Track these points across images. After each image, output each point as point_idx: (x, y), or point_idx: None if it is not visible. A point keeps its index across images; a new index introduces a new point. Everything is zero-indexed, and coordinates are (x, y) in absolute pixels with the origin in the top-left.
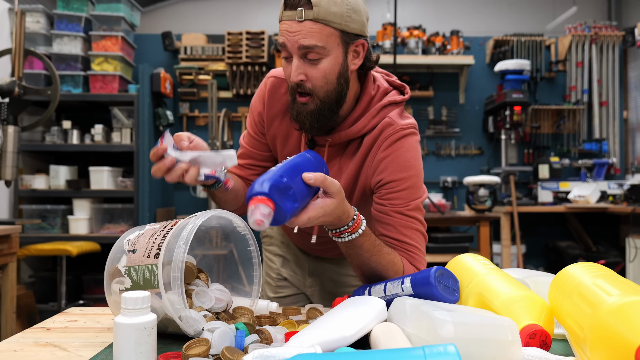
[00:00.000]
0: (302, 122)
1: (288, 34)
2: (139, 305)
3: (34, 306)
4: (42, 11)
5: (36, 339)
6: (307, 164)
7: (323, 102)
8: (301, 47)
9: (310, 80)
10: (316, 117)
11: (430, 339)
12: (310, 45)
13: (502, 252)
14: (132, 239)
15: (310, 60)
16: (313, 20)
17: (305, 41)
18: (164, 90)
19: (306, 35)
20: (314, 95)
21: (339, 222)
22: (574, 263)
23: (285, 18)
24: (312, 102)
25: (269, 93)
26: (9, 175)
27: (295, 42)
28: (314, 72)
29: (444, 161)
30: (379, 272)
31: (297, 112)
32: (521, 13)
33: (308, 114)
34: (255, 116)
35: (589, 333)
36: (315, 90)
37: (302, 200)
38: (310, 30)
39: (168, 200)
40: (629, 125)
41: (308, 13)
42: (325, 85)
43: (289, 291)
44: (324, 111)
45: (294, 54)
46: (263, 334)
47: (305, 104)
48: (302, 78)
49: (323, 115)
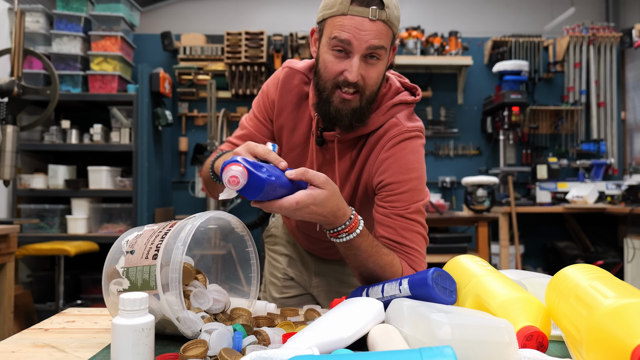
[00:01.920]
0: (342, 119)
1: (357, 32)
2: (136, 306)
3: (32, 306)
4: (42, 11)
5: (34, 340)
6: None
7: (366, 100)
8: (371, 47)
9: (365, 80)
10: (359, 114)
11: (427, 341)
12: (379, 46)
13: (501, 252)
14: (130, 240)
15: (369, 60)
16: (384, 21)
17: (375, 41)
18: (163, 90)
19: (377, 36)
20: (362, 94)
21: (334, 220)
22: (572, 264)
23: (353, 13)
24: (357, 100)
25: (282, 82)
26: (7, 174)
27: (365, 41)
28: (371, 72)
29: (443, 161)
30: (376, 274)
31: (336, 108)
32: (519, 14)
33: (351, 111)
34: (266, 101)
35: (585, 335)
36: (365, 89)
37: (282, 184)
38: (381, 31)
39: (167, 200)
40: (627, 126)
41: (381, 13)
42: (374, 86)
43: (295, 291)
44: (365, 110)
45: (357, 52)
46: (261, 335)
47: (349, 100)
48: (360, 78)
49: (362, 114)
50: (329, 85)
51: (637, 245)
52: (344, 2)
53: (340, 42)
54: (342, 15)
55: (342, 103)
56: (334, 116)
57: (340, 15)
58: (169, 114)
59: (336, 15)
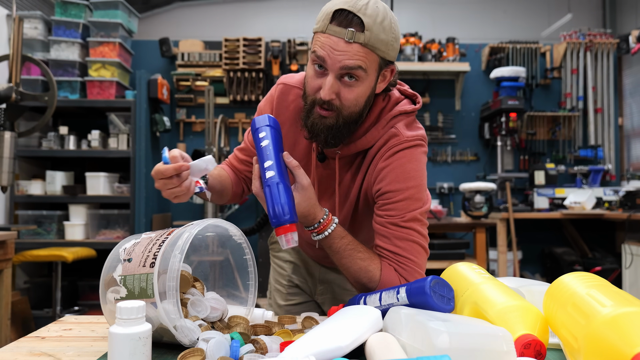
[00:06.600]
0: (317, 135)
1: (332, 51)
2: (133, 315)
3: (29, 312)
4: (40, 17)
5: (30, 348)
6: (277, 140)
7: (344, 120)
8: (344, 67)
9: (341, 100)
10: (333, 132)
11: (425, 349)
12: (355, 66)
13: (499, 258)
14: (128, 248)
15: (346, 81)
16: (362, 44)
17: (350, 62)
18: (161, 96)
19: (352, 58)
20: (338, 113)
21: (305, 221)
22: (570, 270)
23: (331, 32)
24: (332, 117)
25: (278, 100)
26: (5, 180)
27: (339, 62)
28: (347, 93)
29: (440, 167)
30: (349, 276)
31: (312, 123)
32: (516, 20)
33: (325, 127)
34: None
35: (583, 344)
36: (342, 110)
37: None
38: (357, 54)
39: (164, 206)
40: (624, 132)
41: (359, 36)
42: (353, 107)
43: (300, 298)
44: (342, 129)
45: (332, 71)
46: (258, 343)
47: (325, 117)
48: (334, 97)
49: (340, 132)
50: (309, 101)
51: (634, 251)
52: (325, 20)
53: (317, 58)
54: (321, 33)
55: (319, 119)
56: (310, 130)
57: (320, 32)
58: (167, 120)
59: (318, 32)
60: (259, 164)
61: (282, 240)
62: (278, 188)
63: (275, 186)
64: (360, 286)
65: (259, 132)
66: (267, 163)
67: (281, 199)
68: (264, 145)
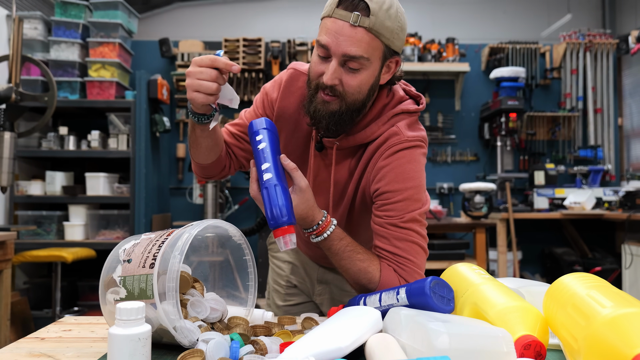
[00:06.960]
0: (319, 120)
1: (336, 36)
2: (133, 316)
3: (29, 313)
4: (40, 18)
5: (30, 349)
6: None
7: (347, 107)
8: (346, 55)
9: (344, 86)
10: (336, 119)
11: (425, 350)
12: (357, 55)
13: (499, 258)
14: (127, 249)
15: (349, 67)
16: (366, 29)
17: (352, 50)
18: (160, 96)
19: (355, 44)
20: (342, 99)
21: (303, 223)
22: (570, 270)
23: (337, 16)
24: (336, 103)
25: (285, 84)
26: (4, 181)
27: (342, 47)
28: (350, 79)
29: (440, 168)
30: (349, 278)
31: (315, 108)
32: (516, 21)
33: (328, 113)
34: (266, 100)
35: (583, 344)
36: (345, 96)
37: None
38: (361, 39)
39: (164, 206)
40: (624, 132)
41: (364, 20)
42: (356, 94)
43: (299, 299)
44: (345, 116)
45: (335, 57)
46: (258, 344)
47: (328, 102)
48: (337, 83)
49: (342, 120)
50: (313, 85)
51: (634, 252)
52: (332, 4)
53: (322, 46)
54: (327, 18)
55: (322, 104)
56: (312, 116)
57: (327, 17)
58: (167, 120)
59: (325, 17)
60: (257, 166)
61: (280, 242)
62: (276, 190)
63: (272, 188)
64: (360, 287)
65: (256, 135)
66: (265, 165)
67: (279, 201)
68: (261, 148)
